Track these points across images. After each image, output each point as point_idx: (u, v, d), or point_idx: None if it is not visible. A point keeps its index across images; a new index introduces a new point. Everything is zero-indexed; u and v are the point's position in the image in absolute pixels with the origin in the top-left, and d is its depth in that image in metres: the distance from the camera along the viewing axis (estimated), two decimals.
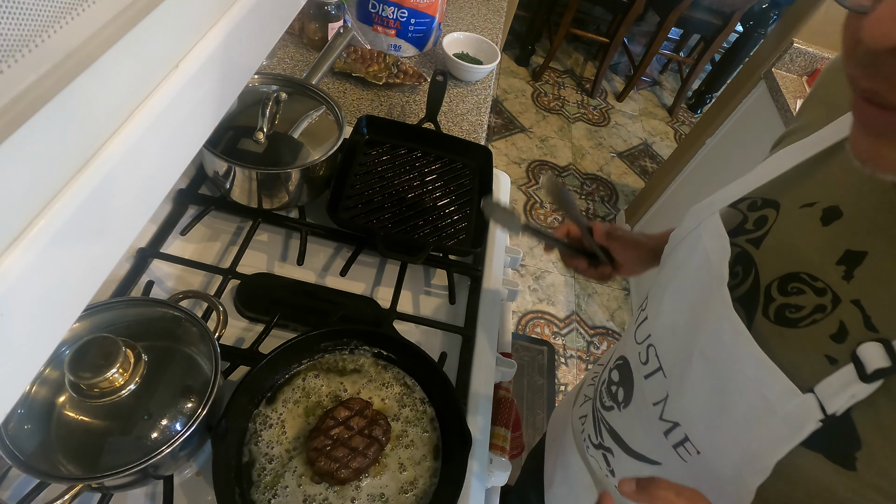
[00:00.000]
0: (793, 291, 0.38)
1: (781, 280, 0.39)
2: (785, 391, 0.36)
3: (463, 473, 0.55)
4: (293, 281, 0.74)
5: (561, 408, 0.84)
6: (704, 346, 0.42)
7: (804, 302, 0.37)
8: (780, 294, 0.39)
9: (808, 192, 0.41)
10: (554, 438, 0.80)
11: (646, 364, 0.51)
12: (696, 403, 0.44)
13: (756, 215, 0.43)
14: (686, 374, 0.44)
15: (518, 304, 2.04)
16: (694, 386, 0.44)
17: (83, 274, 0.27)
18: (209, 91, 0.34)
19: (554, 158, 2.65)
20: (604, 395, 0.60)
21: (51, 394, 0.49)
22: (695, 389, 0.43)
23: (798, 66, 1.62)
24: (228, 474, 0.54)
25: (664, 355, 0.48)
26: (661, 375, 0.48)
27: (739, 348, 0.39)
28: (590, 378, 0.73)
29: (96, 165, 0.25)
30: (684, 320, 0.46)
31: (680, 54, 3.27)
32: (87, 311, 0.55)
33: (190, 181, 0.82)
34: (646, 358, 0.51)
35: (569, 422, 0.74)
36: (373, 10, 1.14)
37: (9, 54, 0.20)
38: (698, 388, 0.43)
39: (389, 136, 0.93)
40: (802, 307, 0.37)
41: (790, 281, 0.39)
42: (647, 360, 0.51)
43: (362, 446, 0.56)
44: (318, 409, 0.61)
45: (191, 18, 0.31)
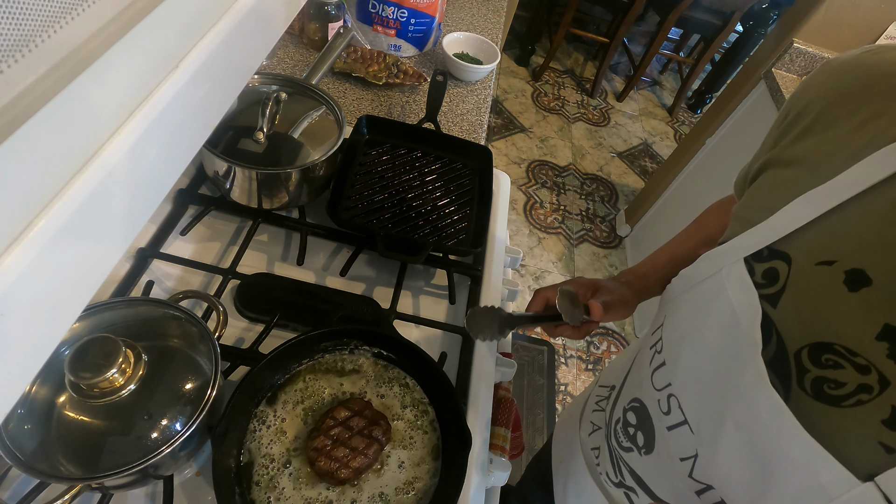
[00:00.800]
0: (828, 364, 0.36)
1: (812, 349, 0.36)
2: (840, 478, 0.34)
3: (463, 473, 0.55)
4: (293, 281, 0.74)
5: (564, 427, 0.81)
6: (738, 417, 0.40)
7: (845, 378, 0.35)
8: (814, 365, 0.36)
9: (824, 248, 0.37)
10: (560, 460, 0.78)
11: (668, 414, 0.48)
12: (733, 472, 0.42)
13: (763, 267, 0.40)
14: (718, 439, 0.42)
15: (518, 304, 2.04)
16: (729, 454, 0.41)
17: (83, 274, 0.27)
18: (209, 91, 0.34)
19: (554, 158, 2.65)
20: (619, 435, 0.58)
21: (51, 394, 0.49)
22: (730, 457, 0.41)
23: (798, 66, 1.62)
24: (228, 474, 0.54)
25: (689, 409, 0.46)
26: (687, 430, 0.46)
27: (781, 426, 0.37)
28: (593, 402, 0.70)
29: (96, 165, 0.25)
30: (710, 378, 0.43)
31: (680, 54, 3.27)
32: (87, 311, 0.55)
33: (190, 181, 0.82)
34: (667, 408, 0.49)
35: (577, 447, 0.71)
36: (373, 10, 1.14)
37: (9, 54, 0.20)
38: (734, 456, 0.41)
39: (389, 136, 0.93)
40: (843, 384, 0.35)
41: (823, 351, 0.36)
42: (670, 410, 0.48)
43: (362, 446, 0.56)
44: (318, 409, 0.61)
45: (191, 18, 0.31)
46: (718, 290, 0.43)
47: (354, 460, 0.55)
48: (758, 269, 0.40)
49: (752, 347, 0.39)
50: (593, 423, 0.68)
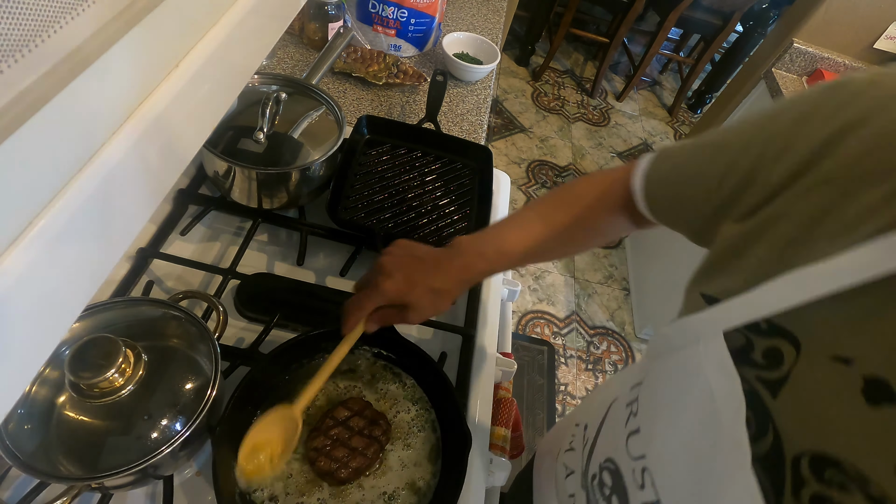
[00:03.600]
0: (832, 482, 0.29)
1: (815, 459, 0.30)
2: None
3: (463, 473, 0.55)
4: (293, 281, 0.74)
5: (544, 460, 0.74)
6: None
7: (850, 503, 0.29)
8: (815, 478, 0.30)
9: (841, 341, 0.30)
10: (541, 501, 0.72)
11: (642, 489, 0.43)
12: None
13: (765, 344, 0.33)
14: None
15: (518, 304, 2.04)
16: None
17: (83, 274, 0.27)
18: (209, 91, 0.34)
19: (554, 158, 2.65)
20: (596, 493, 0.53)
21: (51, 394, 0.49)
22: None
23: (798, 66, 1.62)
24: (228, 474, 0.54)
25: (663, 491, 0.40)
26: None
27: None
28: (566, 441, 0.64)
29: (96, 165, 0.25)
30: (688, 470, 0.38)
31: (680, 54, 3.27)
32: (87, 311, 0.55)
33: (190, 181, 0.82)
34: (641, 481, 0.43)
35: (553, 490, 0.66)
36: (373, 10, 1.14)
37: (9, 54, 0.20)
38: None
39: (389, 136, 0.93)
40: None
41: (827, 465, 0.30)
42: (643, 484, 0.43)
43: (362, 446, 0.56)
44: (318, 408, 0.61)
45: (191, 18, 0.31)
46: (695, 369, 0.37)
47: (354, 460, 0.55)
48: (758, 344, 0.33)
49: (740, 457, 0.33)
50: (566, 465, 0.62)
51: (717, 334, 0.35)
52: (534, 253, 0.58)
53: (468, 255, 0.57)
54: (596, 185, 0.57)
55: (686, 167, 0.47)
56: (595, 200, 0.57)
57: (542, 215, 0.58)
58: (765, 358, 0.33)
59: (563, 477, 0.62)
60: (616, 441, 0.49)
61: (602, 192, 0.57)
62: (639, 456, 0.44)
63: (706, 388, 0.36)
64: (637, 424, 0.45)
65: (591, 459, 0.55)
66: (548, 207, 0.59)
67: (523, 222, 0.59)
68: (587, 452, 0.57)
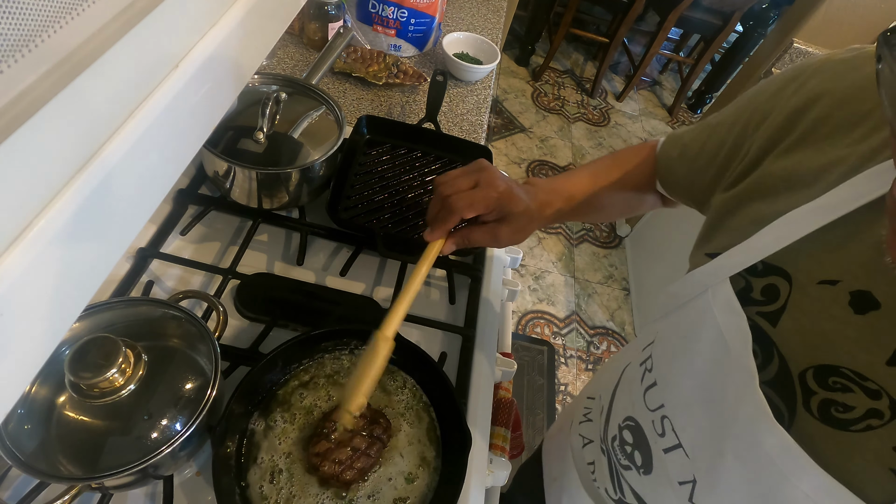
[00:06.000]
0: (836, 387, 0.34)
1: (818, 371, 0.35)
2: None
3: (463, 473, 0.55)
4: (293, 281, 0.74)
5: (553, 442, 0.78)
6: (739, 450, 0.38)
7: (854, 402, 0.33)
8: (821, 387, 0.35)
9: (825, 267, 0.35)
10: (553, 478, 0.75)
11: (663, 437, 0.47)
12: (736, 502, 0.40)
13: (762, 283, 0.38)
14: (718, 468, 0.41)
15: (518, 304, 2.04)
16: (730, 484, 0.40)
17: (83, 274, 0.27)
18: (209, 91, 0.34)
19: (554, 158, 2.65)
20: (617, 452, 0.56)
21: (51, 394, 0.49)
22: (732, 488, 0.40)
23: None
24: (228, 474, 0.54)
25: (683, 433, 0.44)
26: (682, 454, 0.44)
27: (789, 461, 0.35)
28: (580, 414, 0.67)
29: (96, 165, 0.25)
30: (703, 405, 0.42)
31: (680, 54, 3.27)
32: (87, 311, 0.55)
33: (190, 181, 0.82)
34: (661, 430, 0.47)
35: (570, 462, 0.68)
36: (373, 10, 1.14)
37: (9, 54, 0.20)
38: (736, 487, 0.39)
39: (389, 136, 0.93)
40: (852, 408, 0.33)
41: (829, 374, 0.34)
42: (664, 432, 0.46)
43: (364, 446, 0.56)
44: (318, 408, 0.61)
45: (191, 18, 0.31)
46: (705, 312, 0.41)
47: (358, 461, 0.55)
48: (755, 284, 0.38)
49: (748, 378, 0.37)
50: (583, 435, 0.65)
51: (723, 280, 0.40)
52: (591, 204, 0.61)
53: (546, 192, 0.58)
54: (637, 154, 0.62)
55: (689, 148, 0.53)
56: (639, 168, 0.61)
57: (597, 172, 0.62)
58: (763, 294, 0.38)
59: (581, 447, 0.65)
60: (633, 399, 0.53)
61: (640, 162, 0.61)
62: (657, 407, 0.48)
63: (715, 328, 0.40)
64: (653, 378, 0.49)
65: (609, 423, 0.58)
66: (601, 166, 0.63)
67: (583, 174, 0.62)
68: (605, 418, 0.60)
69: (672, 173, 0.56)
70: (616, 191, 0.62)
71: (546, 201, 0.58)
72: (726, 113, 0.50)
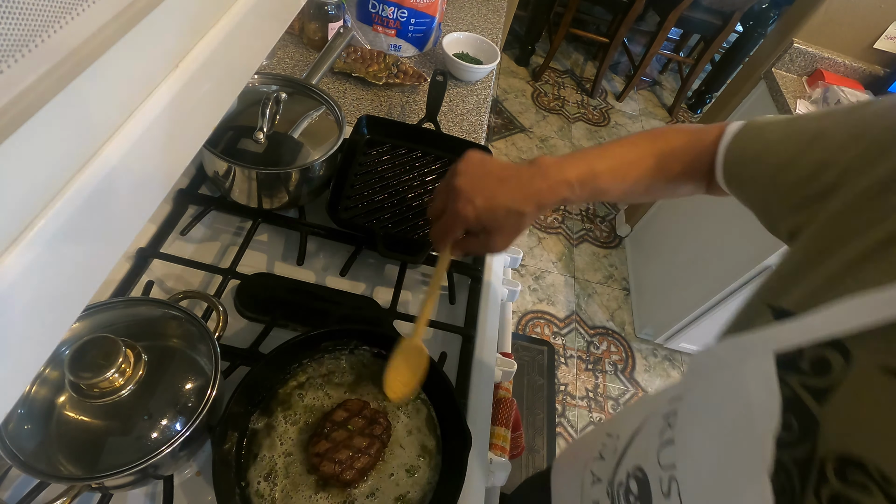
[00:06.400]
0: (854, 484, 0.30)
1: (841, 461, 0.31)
2: None
3: (463, 473, 0.55)
4: (293, 281, 0.74)
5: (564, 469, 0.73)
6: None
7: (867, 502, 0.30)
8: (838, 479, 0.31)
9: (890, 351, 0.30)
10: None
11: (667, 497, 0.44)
12: None
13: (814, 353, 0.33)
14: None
15: (518, 304, 2.04)
16: None
17: (83, 274, 0.27)
18: (209, 91, 0.34)
19: None
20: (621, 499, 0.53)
21: (51, 394, 0.49)
22: None
23: (798, 66, 1.62)
24: (228, 474, 0.54)
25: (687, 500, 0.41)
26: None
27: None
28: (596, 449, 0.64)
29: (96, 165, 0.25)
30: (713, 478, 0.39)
31: (680, 54, 3.27)
32: (87, 311, 0.55)
33: (190, 181, 0.82)
34: (668, 490, 0.44)
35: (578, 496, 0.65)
36: (373, 10, 1.14)
37: (9, 54, 0.20)
38: None
39: (389, 136, 0.93)
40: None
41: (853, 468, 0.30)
42: (669, 493, 0.44)
43: (364, 445, 0.56)
44: (318, 408, 0.61)
45: (191, 18, 0.31)
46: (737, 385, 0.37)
47: (358, 461, 0.55)
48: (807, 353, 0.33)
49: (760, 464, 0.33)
50: (594, 473, 0.62)
51: (767, 354, 0.35)
52: (615, 189, 0.55)
53: (551, 178, 0.53)
54: (684, 137, 0.55)
55: (778, 149, 0.44)
56: (680, 151, 0.54)
57: (628, 152, 0.55)
58: (812, 366, 0.33)
59: (590, 484, 0.62)
60: (648, 450, 0.49)
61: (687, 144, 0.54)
62: (669, 465, 0.44)
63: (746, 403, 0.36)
64: (672, 435, 0.45)
65: (619, 467, 0.55)
66: (636, 145, 0.56)
67: (610, 153, 0.55)
68: (616, 460, 0.57)
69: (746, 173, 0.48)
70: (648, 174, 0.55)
71: (546, 189, 0.53)
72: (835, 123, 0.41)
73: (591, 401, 1.84)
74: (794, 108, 1.47)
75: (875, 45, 1.56)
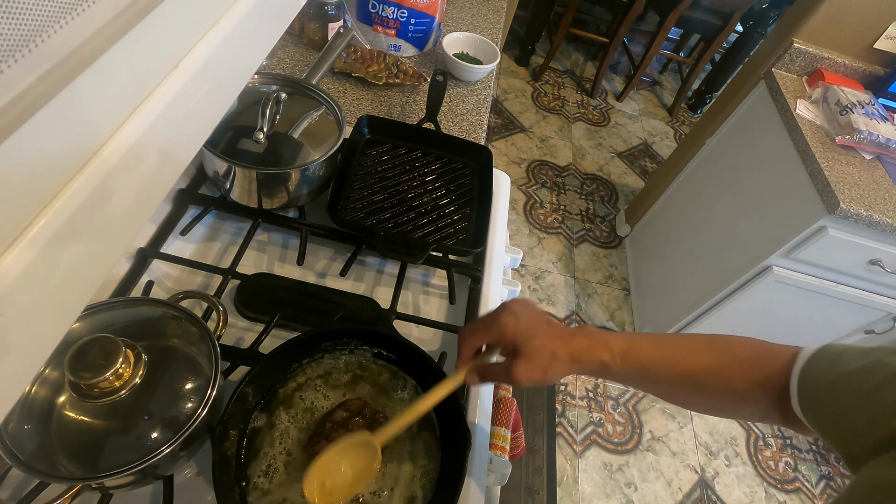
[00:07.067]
0: None
1: None
2: None
3: (463, 473, 0.55)
4: (293, 281, 0.74)
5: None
6: None
7: None
8: None
9: None
10: None
11: None
12: None
13: None
14: None
15: None
16: None
17: (83, 274, 0.27)
18: (209, 91, 0.34)
19: (554, 158, 2.65)
20: None
21: (51, 394, 0.49)
22: None
23: (798, 66, 1.62)
24: (228, 474, 0.54)
25: None
26: None
27: None
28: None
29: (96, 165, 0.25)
30: None
31: (680, 54, 3.27)
32: (87, 311, 0.55)
33: (190, 181, 0.82)
34: None
35: None
36: (373, 10, 1.14)
37: (9, 54, 0.20)
38: None
39: (389, 136, 0.93)
40: None
41: None
42: None
43: None
44: (318, 408, 0.61)
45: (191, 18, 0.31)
46: None
47: None
48: None
49: None
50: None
51: None
52: (658, 377, 0.53)
53: (593, 339, 0.53)
54: (754, 350, 0.51)
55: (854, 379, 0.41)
56: (747, 364, 0.50)
57: (684, 347, 0.53)
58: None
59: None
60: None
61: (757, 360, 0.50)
62: None
63: None
64: None
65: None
66: (694, 344, 0.53)
67: (663, 342, 0.54)
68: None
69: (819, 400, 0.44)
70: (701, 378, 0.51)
71: (586, 347, 0.52)
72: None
73: (591, 401, 1.84)
74: (793, 108, 1.47)
75: (875, 45, 1.56)
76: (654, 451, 1.77)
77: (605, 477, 1.67)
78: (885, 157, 1.42)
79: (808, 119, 1.46)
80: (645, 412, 1.86)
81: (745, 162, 1.65)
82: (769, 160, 1.54)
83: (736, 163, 1.70)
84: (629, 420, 1.82)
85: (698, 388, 0.52)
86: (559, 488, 1.61)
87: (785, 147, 1.46)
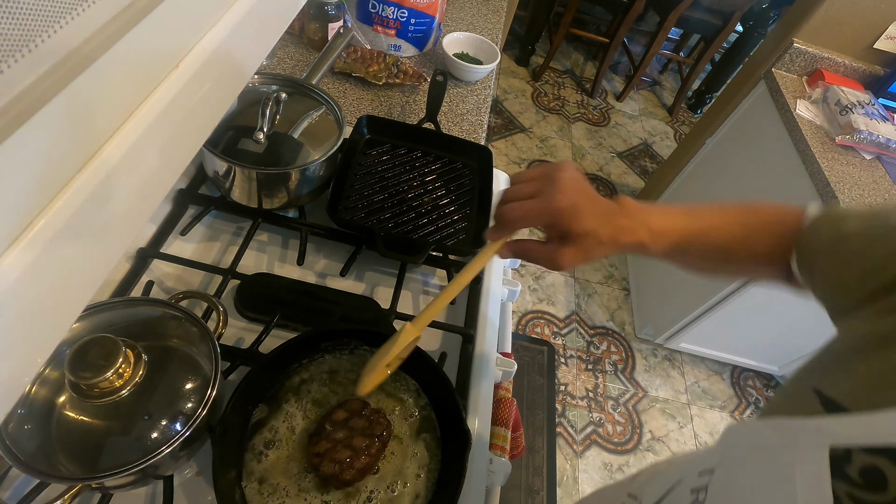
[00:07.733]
0: None
1: None
2: None
3: (463, 473, 0.55)
4: (293, 281, 0.74)
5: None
6: None
7: None
8: None
9: None
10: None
11: None
12: None
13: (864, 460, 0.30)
14: None
15: (518, 304, 2.04)
16: None
17: (83, 274, 0.27)
18: (209, 91, 0.34)
19: (554, 158, 2.65)
20: None
21: (51, 394, 0.49)
22: None
23: (798, 66, 1.62)
24: (228, 474, 0.54)
25: None
26: None
27: None
28: None
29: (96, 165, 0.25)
30: None
31: (680, 54, 3.27)
32: (87, 311, 0.55)
33: (190, 181, 0.82)
34: None
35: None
36: (373, 10, 1.14)
37: (9, 54, 0.20)
38: None
39: (389, 136, 0.93)
40: None
41: None
42: None
43: (364, 445, 0.56)
44: (318, 408, 0.61)
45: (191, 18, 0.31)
46: (786, 474, 0.34)
47: (358, 460, 0.55)
48: (856, 458, 0.30)
49: None
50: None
51: (822, 446, 0.31)
52: (690, 251, 0.52)
53: (634, 219, 0.50)
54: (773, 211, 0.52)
55: (849, 243, 0.42)
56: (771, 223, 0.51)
57: (719, 219, 0.52)
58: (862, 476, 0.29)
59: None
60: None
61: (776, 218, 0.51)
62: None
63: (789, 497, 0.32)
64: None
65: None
66: (727, 214, 0.53)
67: (699, 216, 0.53)
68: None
69: (818, 264, 0.46)
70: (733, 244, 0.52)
71: (627, 227, 0.50)
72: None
73: (591, 401, 1.84)
74: (793, 108, 1.47)
75: (875, 45, 1.56)
76: (654, 451, 1.77)
77: (606, 477, 1.67)
78: (885, 157, 1.42)
79: (808, 119, 1.46)
80: (645, 412, 1.86)
81: (745, 162, 1.65)
82: (769, 160, 1.54)
83: (736, 163, 1.70)
84: (629, 420, 1.82)
85: (726, 257, 0.52)
86: (559, 488, 1.61)
87: (785, 147, 1.46)
